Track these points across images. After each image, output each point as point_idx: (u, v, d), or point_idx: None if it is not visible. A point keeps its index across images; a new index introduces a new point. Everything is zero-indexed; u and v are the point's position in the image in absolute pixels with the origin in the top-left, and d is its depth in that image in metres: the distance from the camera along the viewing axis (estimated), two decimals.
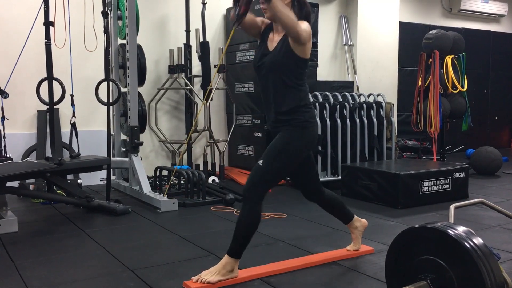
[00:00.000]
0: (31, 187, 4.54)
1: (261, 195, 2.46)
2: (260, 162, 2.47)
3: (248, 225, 2.44)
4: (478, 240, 1.77)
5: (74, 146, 4.59)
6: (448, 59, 6.22)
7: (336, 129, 5.04)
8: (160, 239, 3.30)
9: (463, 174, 4.57)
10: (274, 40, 2.56)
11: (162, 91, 5.73)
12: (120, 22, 4.84)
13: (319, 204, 2.84)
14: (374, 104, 5.36)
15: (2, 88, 4.19)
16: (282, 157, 2.48)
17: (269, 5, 2.35)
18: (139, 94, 4.74)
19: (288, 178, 4.58)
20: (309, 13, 2.57)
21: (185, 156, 5.68)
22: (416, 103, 6.36)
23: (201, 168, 5.69)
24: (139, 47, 4.78)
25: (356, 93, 5.64)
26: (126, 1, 4.44)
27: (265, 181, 2.48)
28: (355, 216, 2.91)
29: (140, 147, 4.58)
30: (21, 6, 5.00)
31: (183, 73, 5.64)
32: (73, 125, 4.27)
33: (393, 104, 5.73)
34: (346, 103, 5.16)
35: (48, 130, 4.89)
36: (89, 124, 5.36)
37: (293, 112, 2.51)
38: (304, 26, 2.38)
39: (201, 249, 3.04)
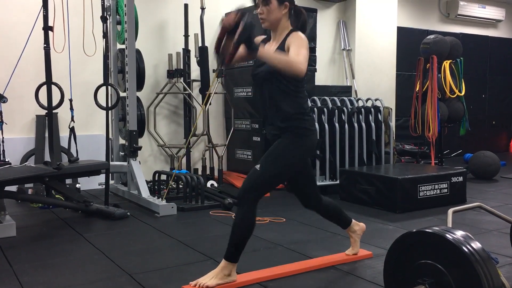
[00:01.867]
0: (30, 191, 4.54)
1: (256, 200, 2.45)
2: (258, 166, 2.47)
3: (244, 229, 2.43)
4: (476, 245, 1.78)
5: (73, 151, 4.59)
6: (446, 64, 6.24)
7: (334, 133, 5.05)
8: (159, 244, 3.30)
9: (461, 179, 4.58)
10: (271, 48, 2.55)
11: (160, 96, 5.74)
12: (119, 27, 4.85)
13: (317, 211, 2.83)
14: (372, 109, 5.38)
15: (1, 92, 4.20)
16: (280, 163, 2.47)
17: (256, 55, 2.34)
18: (138, 99, 4.74)
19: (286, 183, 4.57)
20: (305, 22, 2.58)
21: (184, 160, 5.68)
22: (414, 107, 6.38)
23: (199, 172, 5.69)
24: (138, 52, 4.79)
25: (354, 98, 5.65)
26: (125, 6, 4.46)
27: (261, 186, 2.47)
28: (353, 220, 2.92)
29: (138, 151, 4.58)
30: (20, 11, 5.00)
31: (182, 78, 5.65)
32: (72, 130, 4.27)
33: (391, 108, 5.75)
34: (345, 108, 5.17)
35: (46, 134, 4.89)
36: (88, 129, 5.36)
37: (292, 119, 2.50)
38: (300, 58, 2.29)
39: (199, 253, 3.04)
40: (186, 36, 5.69)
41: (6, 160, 4.26)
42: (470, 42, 8.34)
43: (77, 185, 4.82)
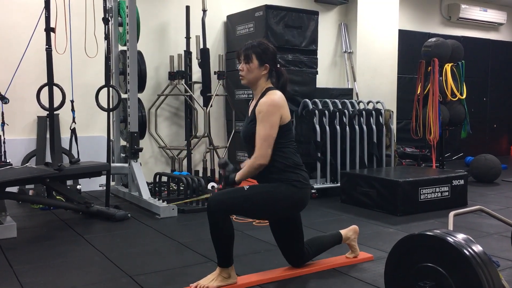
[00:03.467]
0: (31, 192, 4.53)
1: (226, 213, 2.38)
2: (246, 187, 2.44)
3: (222, 237, 2.39)
4: (477, 248, 1.77)
5: (74, 152, 4.59)
6: (447, 67, 6.24)
7: (335, 136, 5.05)
8: (159, 245, 3.30)
9: (462, 182, 4.57)
10: (251, 105, 2.61)
11: (162, 97, 5.75)
12: (120, 29, 4.86)
13: (305, 261, 2.76)
14: (373, 111, 5.38)
15: (3, 93, 4.20)
16: (268, 198, 2.45)
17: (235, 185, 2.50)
18: (139, 100, 4.75)
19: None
20: (285, 83, 2.60)
21: (185, 162, 5.68)
22: (415, 110, 6.38)
23: (200, 174, 5.69)
24: (140, 54, 4.79)
25: (356, 100, 5.65)
26: (127, 8, 4.47)
27: (238, 207, 2.43)
28: (342, 231, 2.91)
29: (139, 153, 4.58)
30: (22, 12, 5.01)
31: (183, 80, 5.65)
32: (73, 131, 4.27)
33: (392, 111, 5.75)
34: (346, 110, 5.17)
35: (48, 135, 4.90)
36: (89, 130, 5.36)
37: (286, 171, 2.49)
38: (260, 151, 2.42)
39: (200, 255, 3.04)
40: (188, 38, 5.70)
41: (7, 161, 4.26)
42: (472, 45, 8.34)
43: (78, 187, 4.82)
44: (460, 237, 1.82)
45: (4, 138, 4.37)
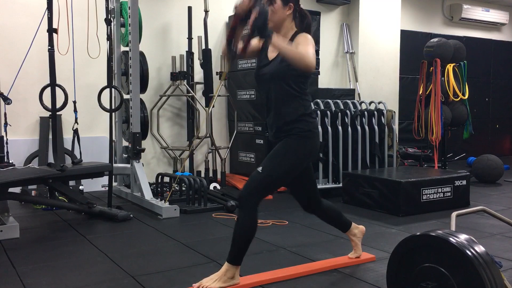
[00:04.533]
0: (33, 193, 4.55)
1: (257, 202, 2.44)
2: (260, 169, 2.45)
3: (246, 231, 2.42)
4: (480, 248, 1.77)
5: (76, 152, 4.60)
6: (449, 67, 6.24)
7: (337, 136, 5.05)
8: (162, 246, 3.30)
9: (464, 182, 4.57)
10: (275, 49, 2.53)
11: (164, 98, 5.75)
12: (123, 29, 4.86)
13: (317, 215, 2.82)
14: (375, 112, 5.37)
15: (5, 94, 4.21)
16: (283, 165, 2.46)
17: (272, 43, 2.35)
18: (141, 101, 4.75)
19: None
20: (310, 25, 2.57)
21: (187, 162, 5.69)
22: (418, 111, 6.37)
23: (202, 174, 5.69)
24: (142, 54, 4.80)
25: (358, 101, 5.65)
26: (129, 9, 4.47)
27: (263, 188, 2.45)
28: (353, 223, 2.91)
29: (142, 153, 4.59)
30: (24, 13, 5.03)
31: (185, 80, 5.66)
32: (76, 132, 4.28)
33: (394, 111, 5.75)
34: (348, 111, 5.17)
35: (50, 136, 4.90)
36: (91, 131, 5.37)
37: (297, 121, 2.49)
38: (310, 53, 2.31)
39: (202, 256, 3.04)
40: (190, 38, 5.70)
41: (10, 161, 4.27)
42: (474, 46, 8.33)
43: (80, 187, 4.83)
44: (463, 237, 1.82)
45: (7, 139, 4.38)
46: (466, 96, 6.35)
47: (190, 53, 5.71)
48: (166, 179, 4.99)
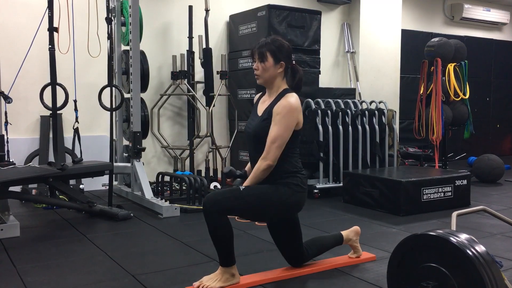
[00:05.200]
0: (34, 192, 4.55)
1: (220, 213, 2.33)
2: (242, 187, 2.42)
3: (221, 236, 2.37)
4: (480, 248, 1.77)
5: (77, 151, 4.60)
6: (450, 66, 6.23)
7: (338, 135, 5.05)
8: (162, 245, 3.30)
9: (465, 182, 4.57)
10: (265, 103, 2.56)
11: (164, 97, 5.75)
12: (123, 28, 4.86)
13: (304, 261, 2.76)
14: (376, 111, 5.37)
15: (6, 93, 4.21)
16: (264, 200, 2.43)
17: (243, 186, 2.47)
18: (142, 100, 4.75)
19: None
20: (301, 80, 2.56)
21: (187, 162, 5.69)
22: (418, 110, 6.37)
23: (203, 174, 5.69)
24: (142, 53, 4.80)
25: (358, 100, 5.64)
26: (130, 8, 4.47)
27: (233, 207, 2.37)
28: (343, 232, 2.90)
29: (142, 152, 4.59)
30: (25, 12, 5.02)
31: (186, 79, 5.66)
32: (76, 130, 4.28)
33: (395, 111, 5.74)
34: (348, 110, 5.16)
35: (51, 135, 4.91)
36: (92, 130, 5.37)
37: (285, 177, 2.48)
38: (270, 154, 2.40)
39: (202, 255, 3.04)
40: (190, 37, 5.70)
41: (11, 160, 4.27)
42: (475, 45, 8.32)
43: (81, 186, 4.83)
44: (463, 237, 1.82)
45: (8, 138, 4.38)
46: (467, 96, 6.35)
47: (190, 52, 5.70)
48: (167, 178, 4.99)
